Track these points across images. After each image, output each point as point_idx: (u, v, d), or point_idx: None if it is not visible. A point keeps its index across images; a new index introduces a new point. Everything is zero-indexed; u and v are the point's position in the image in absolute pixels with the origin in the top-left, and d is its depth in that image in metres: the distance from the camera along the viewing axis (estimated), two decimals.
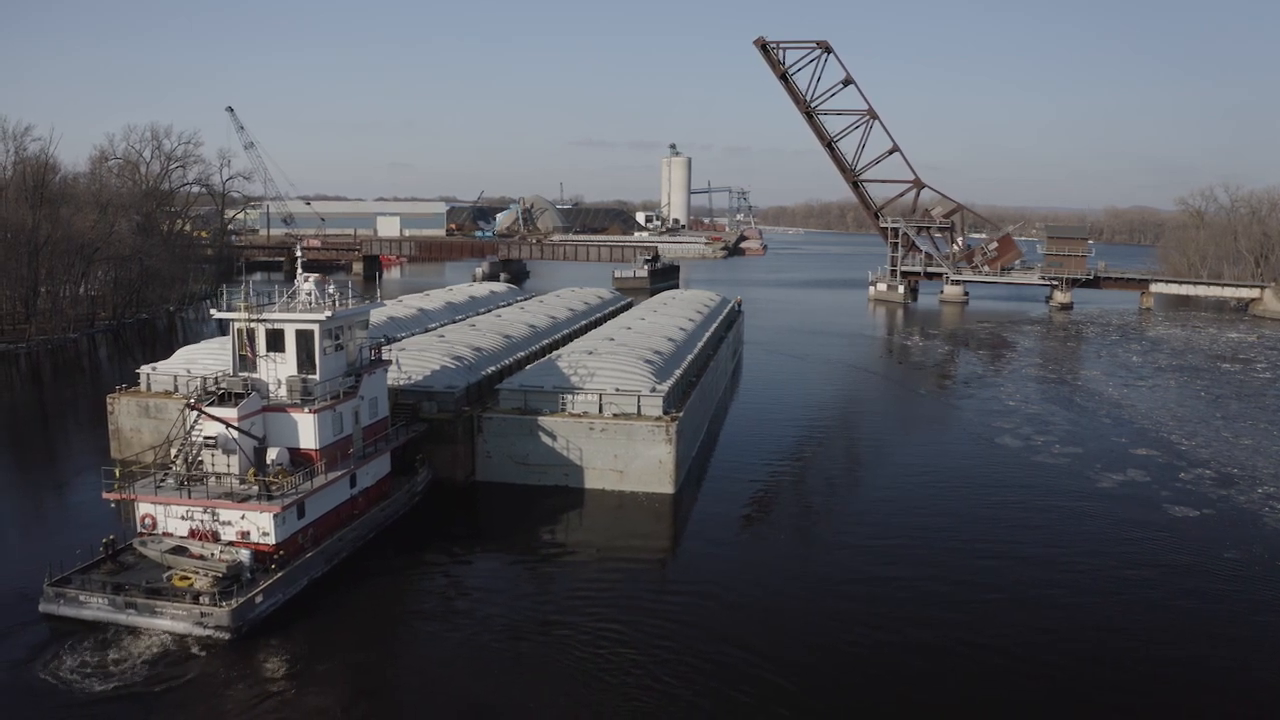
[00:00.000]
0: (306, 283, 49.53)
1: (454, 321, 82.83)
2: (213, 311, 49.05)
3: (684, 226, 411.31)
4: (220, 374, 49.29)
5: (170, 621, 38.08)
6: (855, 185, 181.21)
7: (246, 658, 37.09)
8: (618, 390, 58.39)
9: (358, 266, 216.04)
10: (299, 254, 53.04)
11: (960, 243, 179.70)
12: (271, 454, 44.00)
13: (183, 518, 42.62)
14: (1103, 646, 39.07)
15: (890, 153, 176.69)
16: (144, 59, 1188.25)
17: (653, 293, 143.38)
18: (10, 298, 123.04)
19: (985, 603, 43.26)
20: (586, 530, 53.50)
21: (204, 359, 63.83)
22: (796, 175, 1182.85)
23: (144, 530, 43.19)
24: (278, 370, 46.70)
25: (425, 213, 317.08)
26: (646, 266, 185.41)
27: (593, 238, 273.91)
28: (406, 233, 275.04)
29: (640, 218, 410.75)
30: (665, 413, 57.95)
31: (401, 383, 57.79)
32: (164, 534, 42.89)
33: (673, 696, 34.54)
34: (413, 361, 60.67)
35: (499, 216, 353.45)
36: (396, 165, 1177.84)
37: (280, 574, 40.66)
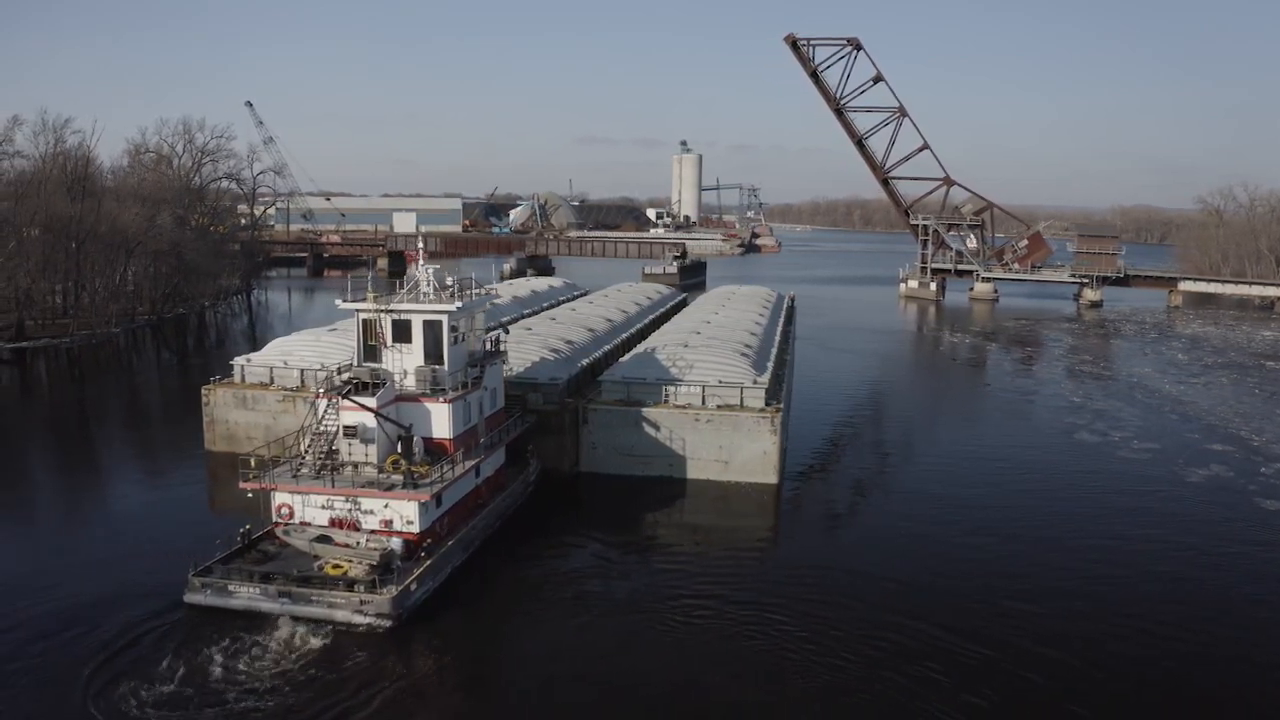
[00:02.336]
0: (425, 272, 49.59)
1: (524, 315, 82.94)
2: (338, 301, 49.02)
3: (695, 223, 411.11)
4: (343, 364, 49.48)
5: (328, 610, 38.07)
6: (885, 183, 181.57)
7: (409, 644, 37.29)
8: (720, 382, 58.68)
9: (382, 262, 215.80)
10: (420, 245, 52.96)
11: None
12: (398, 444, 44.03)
13: (323, 507, 42.73)
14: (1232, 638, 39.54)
15: (920, 150, 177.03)
16: (144, 57, 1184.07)
17: (683, 289, 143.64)
18: (51, 291, 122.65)
19: (1104, 580, 44.40)
20: (700, 519, 53.98)
21: (299, 350, 63.95)
22: (801, 173, 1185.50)
23: (280, 520, 43.25)
24: (403, 361, 46.76)
25: (441, 209, 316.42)
26: (676, 263, 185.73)
27: (619, 234, 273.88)
28: (423, 229, 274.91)
29: (651, 214, 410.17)
30: (767, 404, 58.25)
31: (506, 374, 57.90)
32: (301, 523, 42.99)
33: (847, 671, 35.18)
34: (511, 353, 60.74)
35: (512, 213, 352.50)
36: (399, 162, 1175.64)
37: (429, 562, 40.80)
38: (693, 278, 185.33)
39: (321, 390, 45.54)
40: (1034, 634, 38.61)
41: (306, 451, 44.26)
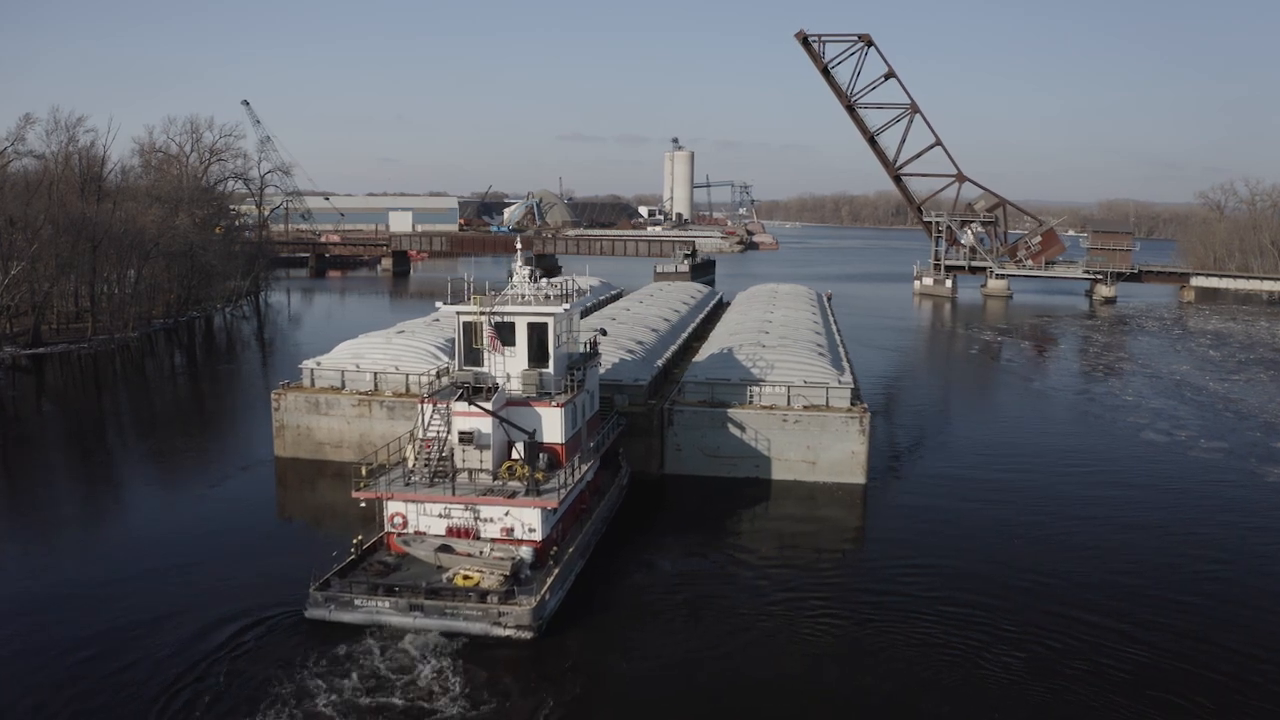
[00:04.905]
0: (520, 273, 48.48)
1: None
2: (438, 304, 47.72)
3: (688, 221, 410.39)
4: (443, 368, 48.28)
5: (464, 623, 36.81)
6: (898, 179, 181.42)
7: (550, 656, 36.14)
8: (806, 382, 57.88)
9: (387, 262, 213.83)
10: (518, 245, 51.75)
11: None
12: (520, 449, 42.92)
13: (440, 515, 41.47)
14: None
15: (932, 147, 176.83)
16: (133, 58, 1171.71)
17: None
18: (68, 295, 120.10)
19: (1230, 577, 44.09)
20: (796, 521, 53.14)
21: (370, 353, 62.47)
22: (787, 169, 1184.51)
23: (394, 529, 41.98)
24: (506, 364, 45.54)
25: (437, 208, 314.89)
26: (687, 261, 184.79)
27: (627, 232, 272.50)
28: (419, 227, 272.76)
29: (643, 212, 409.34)
30: (853, 404, 57.60)
31: None
32: (416, 532, 41.76)
33: (1014, 668, 34.64)
34: None
35: (506, 211, 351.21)
36: (384, 160, 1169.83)
37: (557, 570, 39.70)
38: (703, 276, 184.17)
39: (427, 394, 44.41)
40: (1184, 629, 38.62)
41: (417, 458, 42.90)
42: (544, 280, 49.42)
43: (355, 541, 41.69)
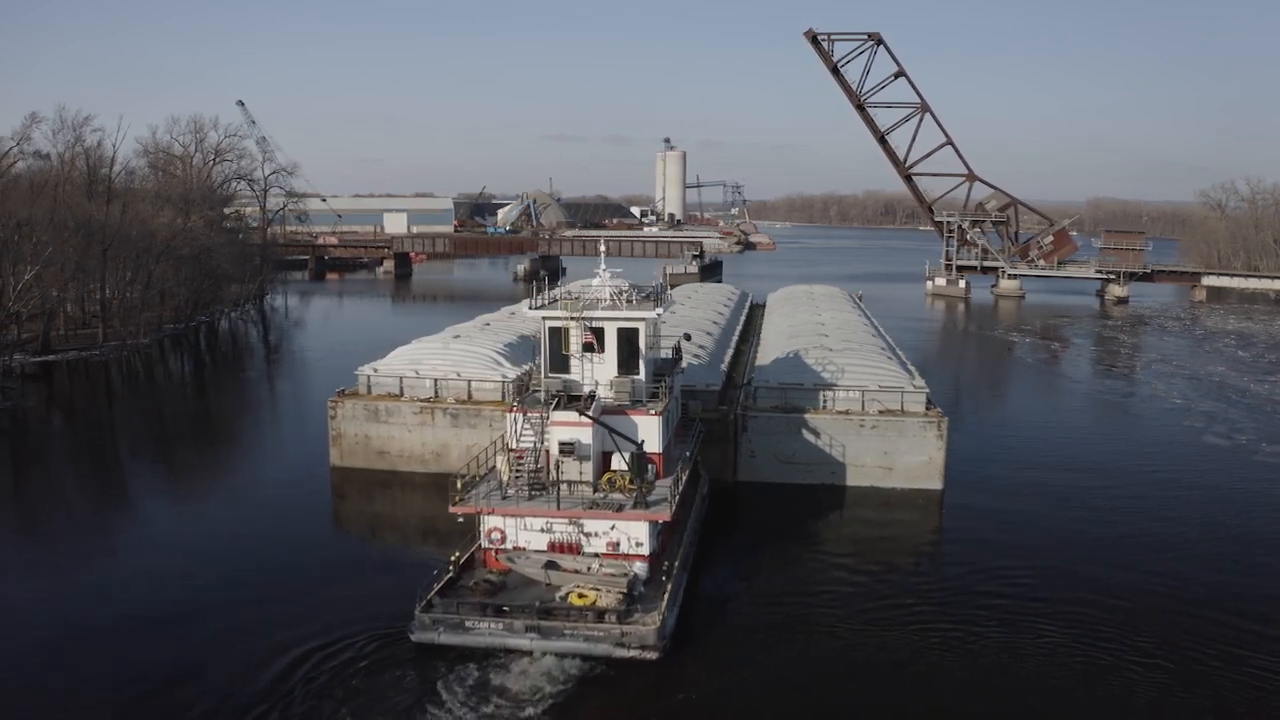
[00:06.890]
0: (603, 276, 46.83)
1: None
2: (523, 305, 45.89)
3: (681, 222, 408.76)
4: (523, 375, 46.59)
5: (585, 644, 35.14)
6: (908, 179, 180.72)
7: (673, 679, 34.54)
8: (881, 387, 56.60)
9: (388, 264, 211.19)
10: (601, 248, 50.05)
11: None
12: (626, 459, 41.23)
13: (541, 530, 39.77)
14: None
15: (942, 146, 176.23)
16: (131, 55, 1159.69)
17: None
18: (78, 299, 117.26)
19: None
20: (879, 527, 52.07)
21: (429, 358, 60.56)
22: (774, 169, 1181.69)
23: (492, 545, 40.26)
24: (594, 371, 43.85)
25: (433, 209, 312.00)
26: (696, 262, 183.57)
27: (632, 233, 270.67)
28: (415, 229, 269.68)
29: (635, 212, 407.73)
30: (928, 408, 56.46)
31: None
32: (515, 547, 40.07)
33: (1160, 673, 33.61)
34: None
35: (500, 212, 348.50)
36: (372, 161, 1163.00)
37: (669, 586, 38.11)
38: (711, 277, 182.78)
39: (517, 403, 42.77)
40: None
41: (510, 470, 41.09)
42: (626, 283, 47.68)
43: (453, 559, 39.90)
